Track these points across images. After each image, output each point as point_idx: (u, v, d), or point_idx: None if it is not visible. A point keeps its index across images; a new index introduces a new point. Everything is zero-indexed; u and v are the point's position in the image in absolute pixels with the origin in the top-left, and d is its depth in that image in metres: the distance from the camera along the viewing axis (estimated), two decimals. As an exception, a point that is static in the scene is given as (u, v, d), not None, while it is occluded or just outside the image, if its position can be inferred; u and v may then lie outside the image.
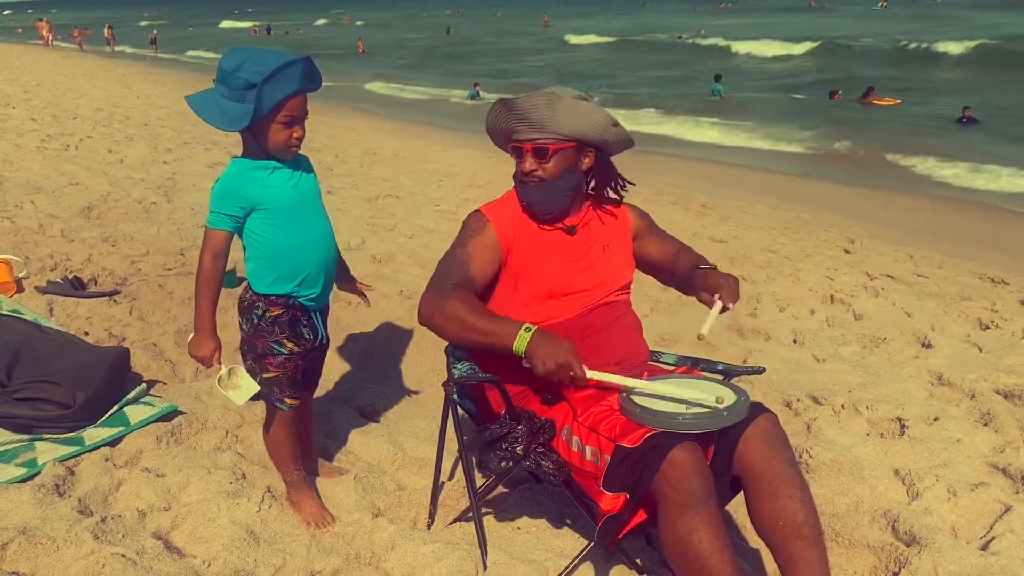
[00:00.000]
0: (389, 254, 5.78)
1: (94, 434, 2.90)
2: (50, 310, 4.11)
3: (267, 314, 2.35)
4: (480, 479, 2.52)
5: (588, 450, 2.09)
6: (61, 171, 7.62)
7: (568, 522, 2.63)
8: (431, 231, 6.60)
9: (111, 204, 6.52)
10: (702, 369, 2.46)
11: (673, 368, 2.48)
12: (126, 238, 5.56)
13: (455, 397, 2.49)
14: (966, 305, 5.27)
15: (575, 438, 2.14)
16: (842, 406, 3.50)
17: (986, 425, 3.38)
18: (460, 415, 2.53)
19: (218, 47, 38.92)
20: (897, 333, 4.56)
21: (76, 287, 4.42)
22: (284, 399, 2.43)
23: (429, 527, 2.59)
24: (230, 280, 4.32)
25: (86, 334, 3.84)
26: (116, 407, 3.04)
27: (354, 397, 3.48)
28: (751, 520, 2.07)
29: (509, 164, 2.38)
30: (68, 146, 9.07)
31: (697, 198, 9.33)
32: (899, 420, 3.36)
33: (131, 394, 3.11)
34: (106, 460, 2.76)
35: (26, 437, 2.85)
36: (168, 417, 3.05)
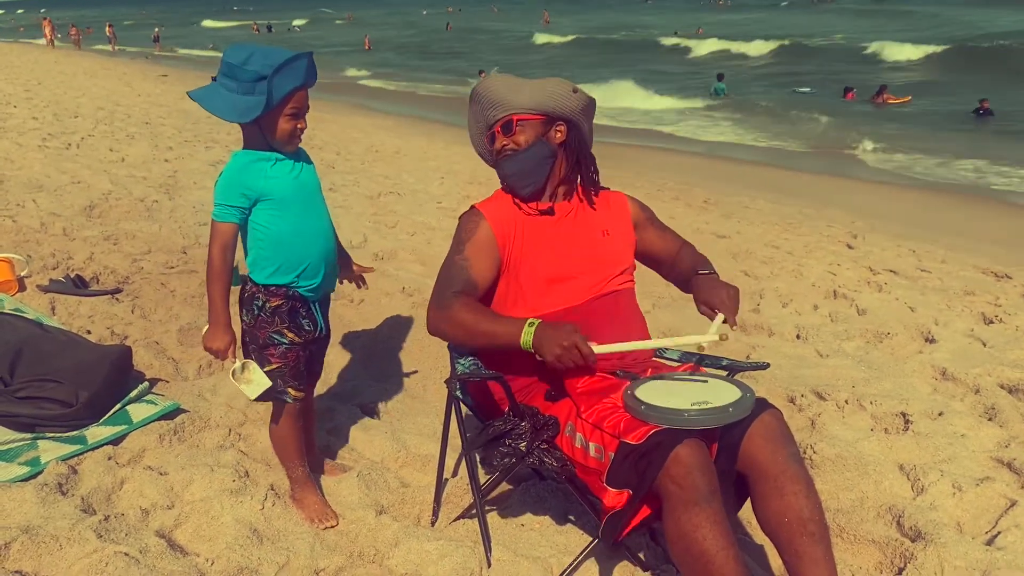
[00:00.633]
0: (391, 251, 5.78)
1: (97, 433, 2.90)
2: (52, 309, 4.11)
3: (267, 305, 2.38)
4: (484, 476, 2.52)
5: (592, 447, 2.08)
6: (62, 170, 7.62)
7: (572, 519, 2.62)
8: (433, 228, 6.59)
9: (113, 202, 6.51)
10: (706, 365, 2.46)
11: (677, 364, 2.48)
12: (128, 236, 5.56)
13: (458, 394, 2.48)
14: (970, 299, 5.25)
15: (579, 435, 2.13)
16: (846, 401, 3.49)
17: (991, 420, 3.37)
18: (463, 412, 2.52)
19: (202, 45, 39.11)
20: (901, 328, 4.55)
21: (78, 286, 4.42)
22: (288, 390, 2.45)
23: (433, 524, 2.59)
24: (235, 278, 4.31)
25: (88, 333, 3.83)
26: (119, 405, 3.04)
27: (357, 394, 3.47)
28: (756, 517, 2.06)
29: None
30: (69, 144, 9.06)
31: (699, 194, 9.32)
32: (903, 415, 3.35)
33: (133, 392, 3.11)
34: (109, 459, 2.76)
35: (29, 436, 2.84)
36: (171, 415, 3.05)
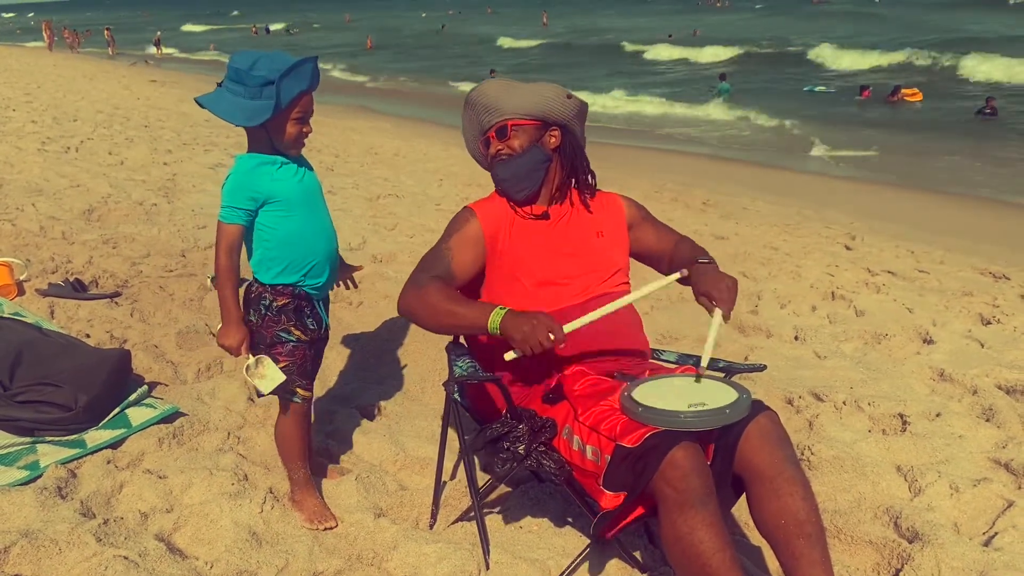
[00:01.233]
0: (390, 254, 5.78)
1: (96, 436, 2.90)
2: (51, 312, 4.12)
3: (274, 304, 2.41)
4: (482, 478, 2.52)
5: (589, 449, 2.09)
6: (62, 173, 7.62)
7: (570, 521, 2.63)
8: (432, 230, 6.60)
9: (112, 206, 6.52)
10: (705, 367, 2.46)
11: (674, 366, 2.49)
12: (127, 240, 5.56)
13: (456, 396, 2.49)
14: (967, 300, 5.26)
15: (576, 437, 2.14)
16: (844, 403, 3.50)
17: (988, 421, 3.38)
18: (461, 414, 2.53)
19: (191, 48, 39.04)
20: (898, 329, 4.55)
21: (77, 289, 4.42)
22: (296, 389, 2.47)
23: (431, 527, 2.59)
24: None
25: (87, 336, 3.84)
26: (118, 409, 3.04)
27: (355, 397, 3.48)
28: (753, 518, 2.07)
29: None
30: (68, 148, 9.06)
31: (698, 195, 9.33)
32: (901, 416, 3.36)
33: (133, 396, 3.11)
34: (108, 462, 2.76)
35: (28, 440, 2.85)
36: (170, 419, 3.06)
